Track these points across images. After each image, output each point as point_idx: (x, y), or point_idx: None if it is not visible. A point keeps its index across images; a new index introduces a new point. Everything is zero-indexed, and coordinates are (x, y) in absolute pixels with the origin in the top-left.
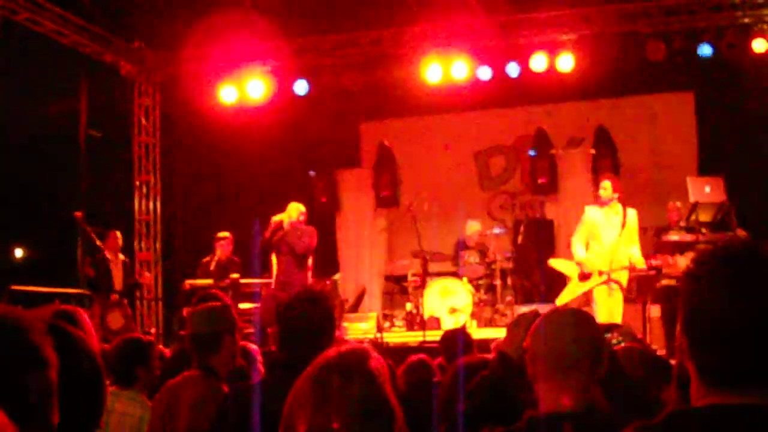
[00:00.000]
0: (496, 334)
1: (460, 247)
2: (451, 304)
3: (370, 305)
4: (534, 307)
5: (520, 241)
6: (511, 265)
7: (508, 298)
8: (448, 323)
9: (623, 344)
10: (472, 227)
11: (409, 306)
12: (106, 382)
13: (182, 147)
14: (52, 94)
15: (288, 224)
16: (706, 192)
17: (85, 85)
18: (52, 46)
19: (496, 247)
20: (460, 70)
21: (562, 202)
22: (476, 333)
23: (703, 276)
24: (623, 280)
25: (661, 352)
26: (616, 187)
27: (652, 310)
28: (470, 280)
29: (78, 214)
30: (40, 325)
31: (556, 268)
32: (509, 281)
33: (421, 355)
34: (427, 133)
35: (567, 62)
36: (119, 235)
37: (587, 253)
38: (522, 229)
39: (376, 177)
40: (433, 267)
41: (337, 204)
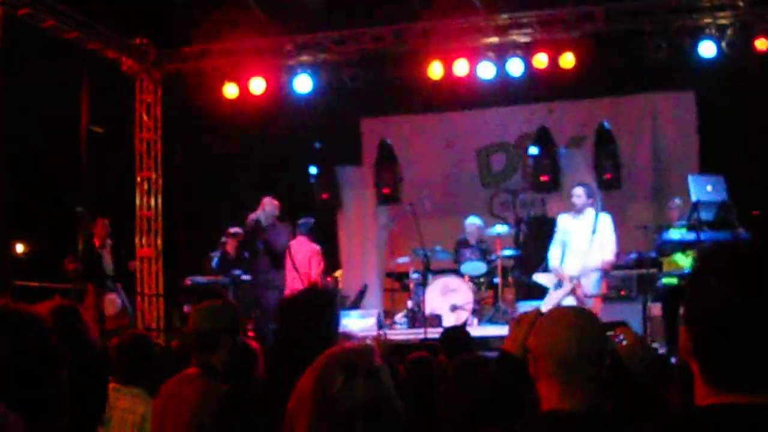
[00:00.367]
0: (497, 331)
1: (462, 245)
2: (452, 302)
3: (372, 302)
4: (536, 305)
5: (522, 238)
6: (512, 263)
7: (510, 296)
8: (449, 320)
9: (625, 343)
10: (472, 222)
11: (410, 303)
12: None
13: (183, 143)
14: (54, 89)
15: (265, 222)
16: (708, 190)
17: (87, 81)
18: (54, 42)
19: (498, 244)
20: (462, 67)
21: (564, 199)
22: (477, 330)
23: (708, 275)
24: (591, 283)
25: (661, 351)
26: (590, 194)
27: (653, 309)
28: (471, 278)
29: (80, 209)
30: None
31: (539, 282)
32: (510, 279)
33: (421, 353)
34: (429, 130)
35: (569, 60)
36: (107, 222)
37: (567, 262)
38: (523, 226)
39: (377, 174)
40: (434, 264)
41: (339, 201)
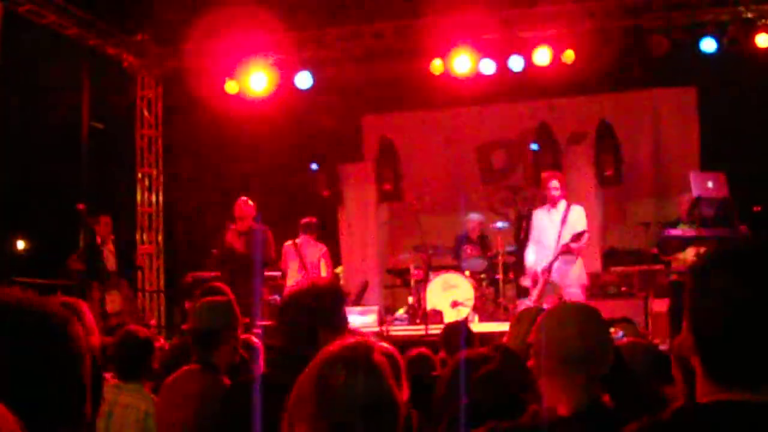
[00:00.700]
0: (498, 328)
1: (462, 241)
2: (453, 298)
3: (372, 299)
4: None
5: (523, 235)
6: (513, 259)
7: (510, 293)
8: (450, 317)
9: (625, 339)
10: (473, 218)
11: (412, 299)
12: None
13: (184, 139)
14: (55, 86)
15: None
16: (709, 187)
17: (88, 78)
18: (55, 38)
19: (499, 241)
20: (463, 63)
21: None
22: (478, 327)
23: (710, 272)
24: (572, 277)
25: (663, 347)
26: (564, 185)
27: (654, 305)
28: (472, 274)
29: (80, 206)
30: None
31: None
32: (511, 275)
33: (421, 349)
34: (430, 126)
35: (569, 56)
36: (109, 220)
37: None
38: (524, 223)
39: (378, 171)
40: (435, 260)
41: (340, 197)
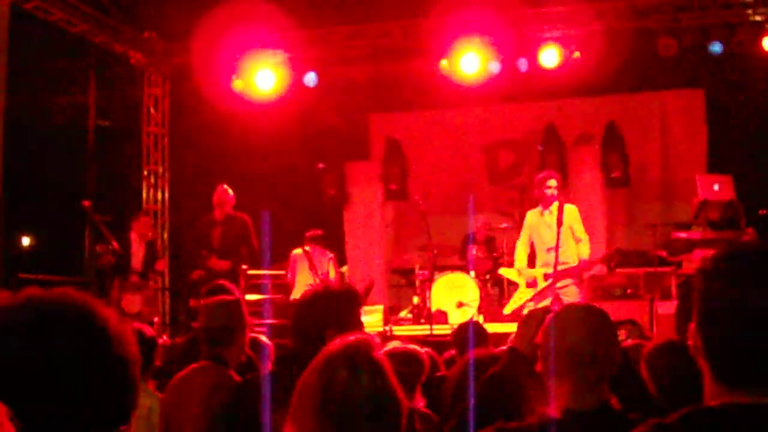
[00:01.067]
0: (503, 328)
1: (468, 241)
2: (458, 298)
3: (377, 298)
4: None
5: None
6: None
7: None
8: (455, 317)
9: (630, 341)
10: (479, 219)
11: (417, 299)
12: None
13: (191, 137)
14: (61, 83)
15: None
16: (715, 190)
17: (94, 75)
18: (62, 35)
19: (505, 241)
20: (471, 63)
21: (571, 197)
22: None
23: (719, 274)
24: (571, 292)
25: None
26: (559, 186)
27: (660, 307)
28: (478, 275)
29: (86, 203)
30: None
31: (505, 276)
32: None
33: (425, 349)
34: (437, 126)
35: (577, 57)
36: (149, 220)
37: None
38: None
39: (384, 170)
40: (440, 261)
41: (345, 196)
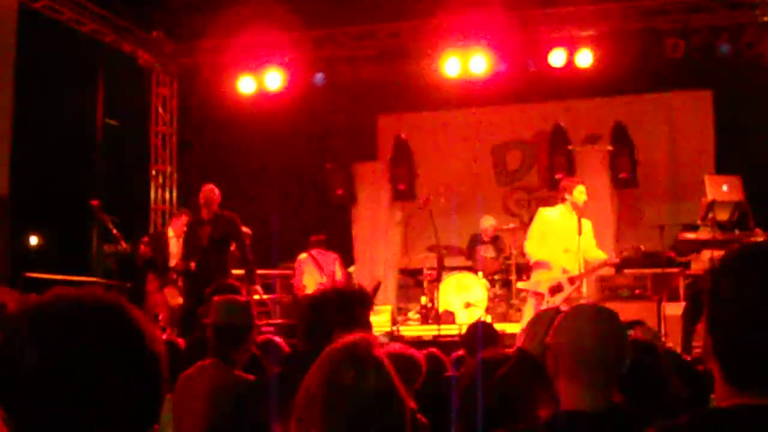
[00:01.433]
0: (511, 329)
1: (476, 242)
2: (466, 299)
3: (385, 298)
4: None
5: None
6: (527, 261)
7: (523, 294)
8: (463, 317)
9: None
10: (487, 219)
11: (424, 300)
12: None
13: (199, 137)
14: (70, 82)
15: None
16: (724, 190)
17: (103, 74)
18: (71, 34)
19: (512, 242)
20: (479, 64)
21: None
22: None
23: (728, 274)
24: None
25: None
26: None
27: (667, 308)
28: (485, 275)
29: (94, 202)
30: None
31: (525, 288)
32: (525, 276)
33: (431, 349)
34: (445, 126)
35: (586, 58)
36: (186, 218)
37: (554, 264)
38: None
39: (392, 170)
40: (448, 261)
41: (354, 197)
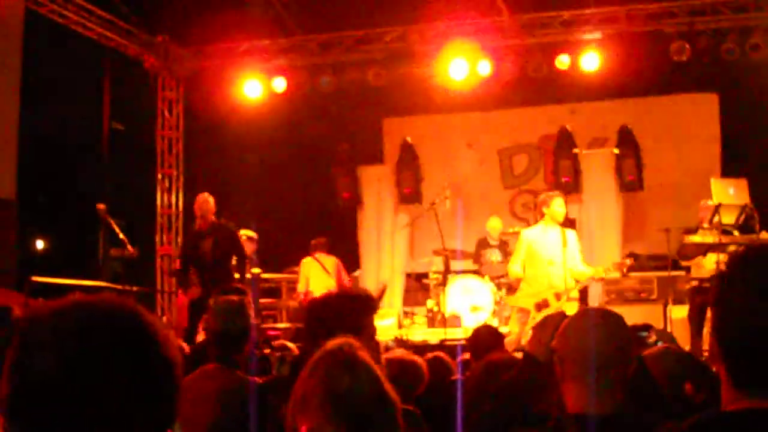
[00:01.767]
0: None
1: (483, 246)
2: (472, 302)
3: (391, 302)
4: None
5: None
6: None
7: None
8: (469, 321)
9: (660, 344)
10: (493, 223)
11: (431, 303)
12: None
13: (205, 141)
14: (76, 86)
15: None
16: (730, 193)
17: (109, 78)
18: (77, 38)
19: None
20: (484, 68)
21: (585, 201)
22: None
23: (736, 278)
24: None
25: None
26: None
27: (674, 311)
28: (492, 279)
29: (101, 206)
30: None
31: (515, 305)
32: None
33: (437, 353)
34: (451, 130)
35: (591, 62)
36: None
37: (540, 280)
38: None
39: (398, 174)
40: (454, 265)
41: (359, 200)
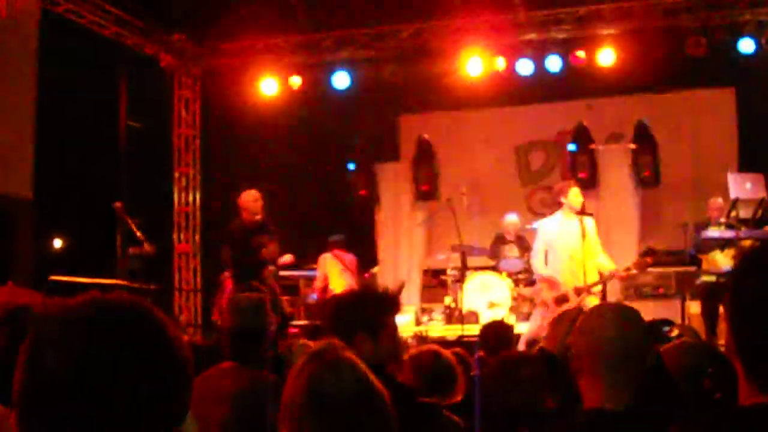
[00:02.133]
0: None
1: (500, 242)
2: (489, 299)
3: (409, 299)
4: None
5: None
6: None
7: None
8: (487, 317)
9: (684, 338)
10: (511, 219)
11: (448, 300)
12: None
13: (222, 139)
14: (93, 85)
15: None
16: (747, 188)
17: (125, 77)
18: (93, 37)
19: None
20: (501, 64)
21: (602, 197)
22: (515, 328)
23: (750, 274)
24: (593, 299)
25: None
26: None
27: (691, 307)
28: (509, 275)
29: (118, 204)
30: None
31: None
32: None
33: (456, 349)
34: (467, 126)
35: (608, 57)
36: None
37: (560, 274)
38: None
39: (415, 170)
40: (472, 261)
41: (377, 197)
